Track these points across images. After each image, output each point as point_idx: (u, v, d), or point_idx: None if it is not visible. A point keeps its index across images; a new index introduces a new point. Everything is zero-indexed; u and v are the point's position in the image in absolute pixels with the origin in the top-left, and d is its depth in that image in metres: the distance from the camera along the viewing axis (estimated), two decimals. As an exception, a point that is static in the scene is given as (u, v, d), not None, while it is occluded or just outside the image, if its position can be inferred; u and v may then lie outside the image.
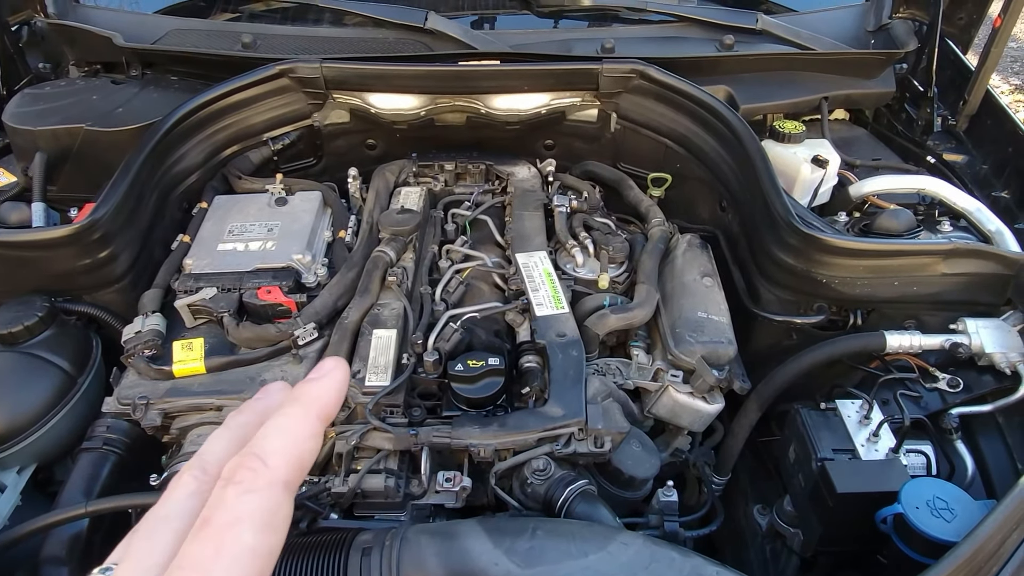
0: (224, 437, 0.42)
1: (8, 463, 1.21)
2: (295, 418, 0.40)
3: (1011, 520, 0.92)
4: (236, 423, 0.43)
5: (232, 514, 0.35)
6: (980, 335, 1.30)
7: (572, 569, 0.92)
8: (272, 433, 0.39)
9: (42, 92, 1.70)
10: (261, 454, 0.37)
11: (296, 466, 0.38)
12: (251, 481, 0.36)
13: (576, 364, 1.21)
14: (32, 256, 1.32)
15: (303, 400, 0.41)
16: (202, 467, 0.40)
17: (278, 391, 0.45)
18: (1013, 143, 1.66)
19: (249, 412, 0.44)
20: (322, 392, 0.42)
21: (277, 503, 0.36)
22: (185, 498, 0.39)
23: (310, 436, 0.40)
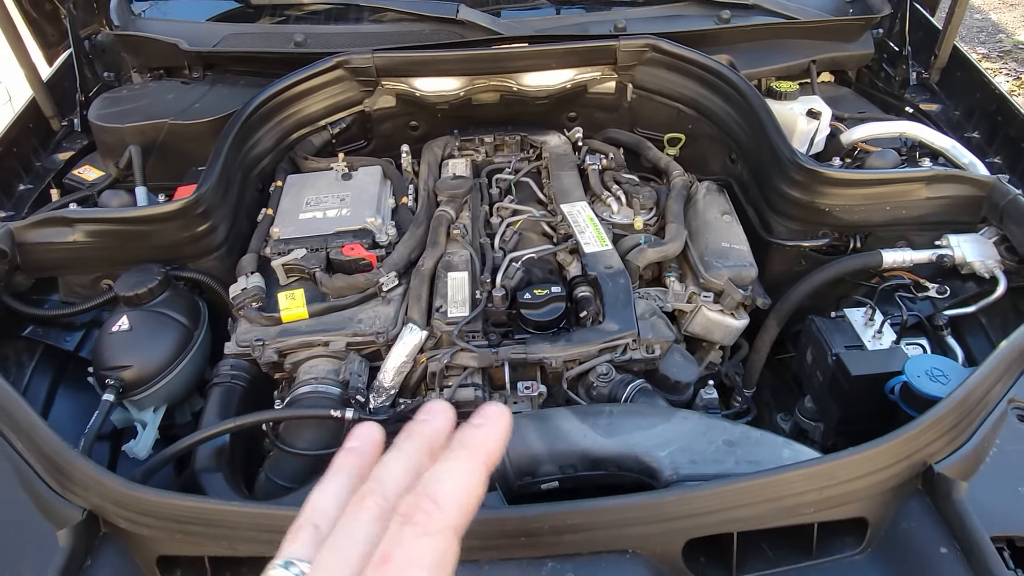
0: (400, 464, 0.45)
1: (146, 403, 1.42)
2: (464, 463, 0.43)
3: (994, 374, 1.13)
4: (409, 448, 0.46)
5: (409, 555, 0.38)
6: (962, 248, 1.53)
7: (644, 436, 1.14)
8: (445, 478, 0.42)
9: (120, 95, 1.91)
10: (435, 498, 0.40)
11: (466, 513, 0.41)
12: (426, 524, 0.39)
13: (624, 289, 1.43)
14: (145, 230, 1.52)
15: (471, 446, 0.44)
16: (383, 494, 0.44)
17: (440, 413, 0.49)
18: (980, 90, 1.90)
19: (419, 437, 0.47)
20: (488, 439, 0.45)
21: (448, 547, 0.40)
22: (370, 521, 0.42)
23: (479, 484, 0.43)
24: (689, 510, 0.99)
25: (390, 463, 0.46)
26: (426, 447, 0.47)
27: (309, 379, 1.36)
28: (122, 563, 1.05)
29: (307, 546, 0.44)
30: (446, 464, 0.43)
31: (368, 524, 0.42)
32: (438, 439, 0.47)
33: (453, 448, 0.44)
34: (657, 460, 1.11)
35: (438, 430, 0.48)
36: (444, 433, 0.48)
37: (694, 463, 1.10)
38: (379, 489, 0.44)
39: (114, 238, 1.52)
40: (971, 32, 5.64)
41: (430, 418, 0.49)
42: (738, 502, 0.99)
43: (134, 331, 1.41)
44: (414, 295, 1.45)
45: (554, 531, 0.97)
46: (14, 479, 1.09)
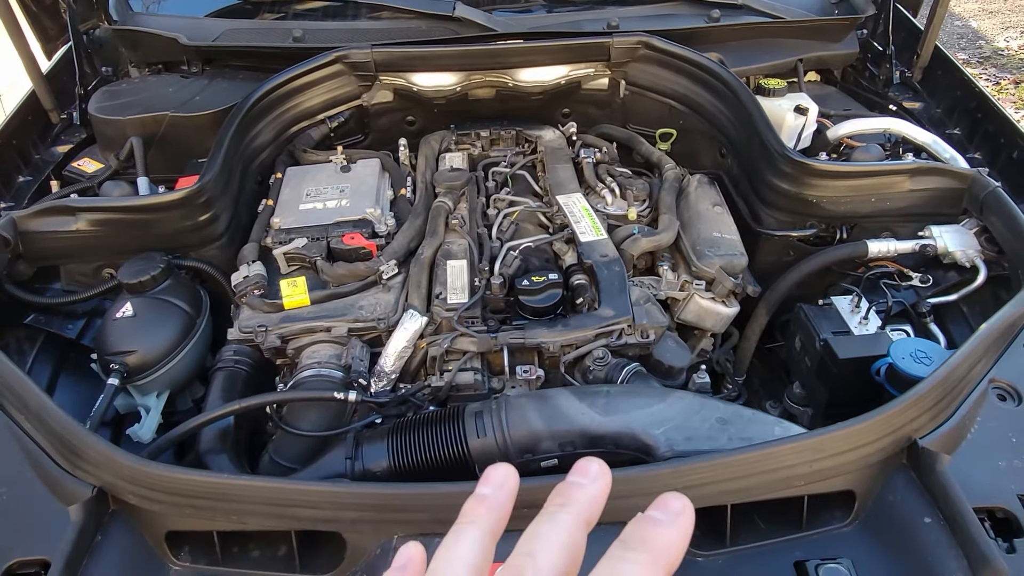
0: (554, 537, 0.40)
1: (149, 388, 1.44)
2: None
3: (975, 354, 1.18)
4: (565, 522, 0.40)
5: None
6: (944, 238, 1.58)
7: (641, 415, 1.18)
8: (552, 540, 0.38)
9: (120, 88, 1.93)
10: (537, 559, 0.37)
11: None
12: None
13: (619, 277, 1.47)
14: (148, 219, 1.54)
15: (652, 551, 0.38)
16: (485, 545, 0.40)
17: (598, 477, 0.43)
18: (961, 88, 1.96)
19: (575, 506, 0.41)
20: (672, 543, 0.38)
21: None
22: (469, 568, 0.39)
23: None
24: (685, 482, 1.03)
25: (544, 538, 0.39)
26: (584, 520, 0.40)
27: (312, 363, 1.39)
28: (132, 539, 1.07)
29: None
30: (621, 566, 0.37)
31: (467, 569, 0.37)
32: (595, 510, 0.41)
33: (632, 547, 0.37)
34: (653, 437, 1.14)
35: (595, 499, 0.42)
36: (601, 502, 0.42)
37: (689, 440, 1.14)
38: (532, 570, 0.37)
39: (116, 227, 1.54)
40: (952, 38, 5.75)
41: (586, 481, 0.42)
42: (732, 474, 1.03)
43: (138, 317, 1.44)
44: (414, 282, 1.48)
45: (554, 503, 1.01)
46: (24, 459, 1.11)
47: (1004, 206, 1.47)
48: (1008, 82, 5.05)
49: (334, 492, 1.01)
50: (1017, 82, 5.02)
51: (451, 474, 1.15)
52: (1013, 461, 1.11)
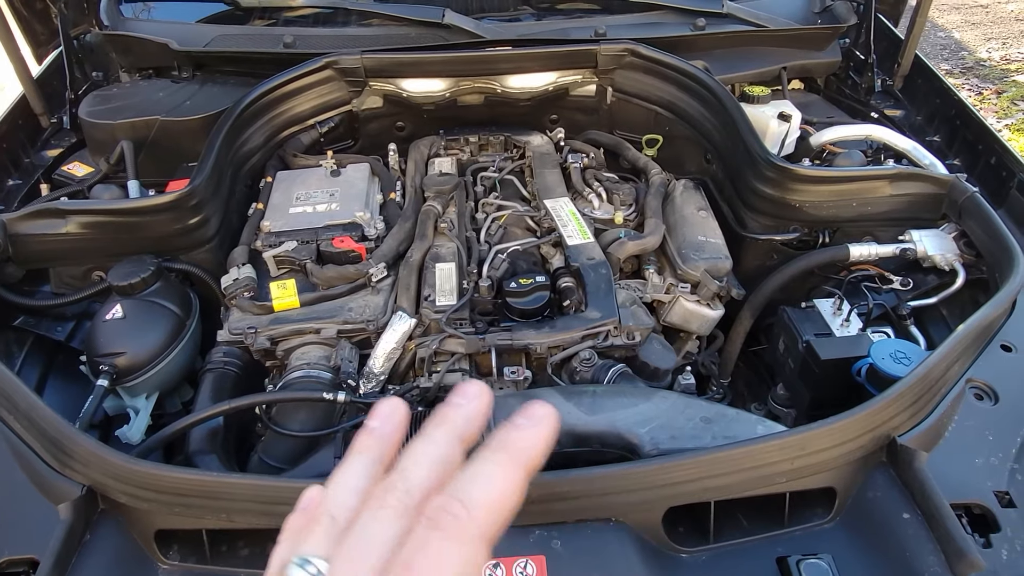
0: (427, 457, 0.41)
1: (138, 390, 1.44)
2: (502, 467, 0.39)
3: (953, 354, 1.21)
4: (439, 438, 0.42)
5: (434, 562, 0.36)
6: (924, 242, 1.61)
7: (626, 414, 1.20)
8: (480, 482, 0.39)
9: (110, 93, 1.94)
10: (466, 502, 0.38)
11: (498, 521, 0.38)
12: (453, 531, 0.37)
13: (606, 279, 1.49)
14: (138, 221, 1.55)
15: (511, 449, 0.40)
16: (407, 490, 0.40)
17: (476, 396, 0.45)
18: (940, 96, 2.00)
19: (450, 425, 0.43)
20: (531, 444, 0.40)
21: (475, 558, 0.37)
22: (390, 520, 0.39)
23: (515, 491, 0.39)
24: (670, 479, 1.04)
25: (417, 454, 0.41)
26: (458, 436, 0.42)
27: (301, 364, 1.40)
28: (120, 538, 1.08)
29: (324, 541, 0.41)
30: (482, 466, 0.39)
31: (390, 523, 0.39)
32: (472, 428, 0.43)
33: (493, 449, 0.40)
34: (638, 436, 1.16)
35: (472, 417, 0.44)
36: (479, 420, 0.44)
37: (673, 439, 1.16)
38: (403, 484, 0.40)
39: (107, 230, 1.55)
40: (935, 49, 5.84)
41: (464, 402, 0.44)
42: (715, 471, 1.05)
43: (128, 319, 1.44)
44: (403, 285, 1.50)
45: (541, 499, 1.02)
46: (12, 459, 1.12)
47: (982, 211, 1.50)
48: (990, 92, 5.13)
49: (323, 489, 1.02)
50: (999, 92, 5.10)
51: (439, 473, 1.16)
52: (989, 458, 1.13)
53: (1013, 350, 1.29)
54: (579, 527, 1.04)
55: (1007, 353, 1.29)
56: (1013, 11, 6.45)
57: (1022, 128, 4.61)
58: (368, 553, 0.38)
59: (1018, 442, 1.16)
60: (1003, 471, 1.12)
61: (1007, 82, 5.22)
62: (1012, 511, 1.07)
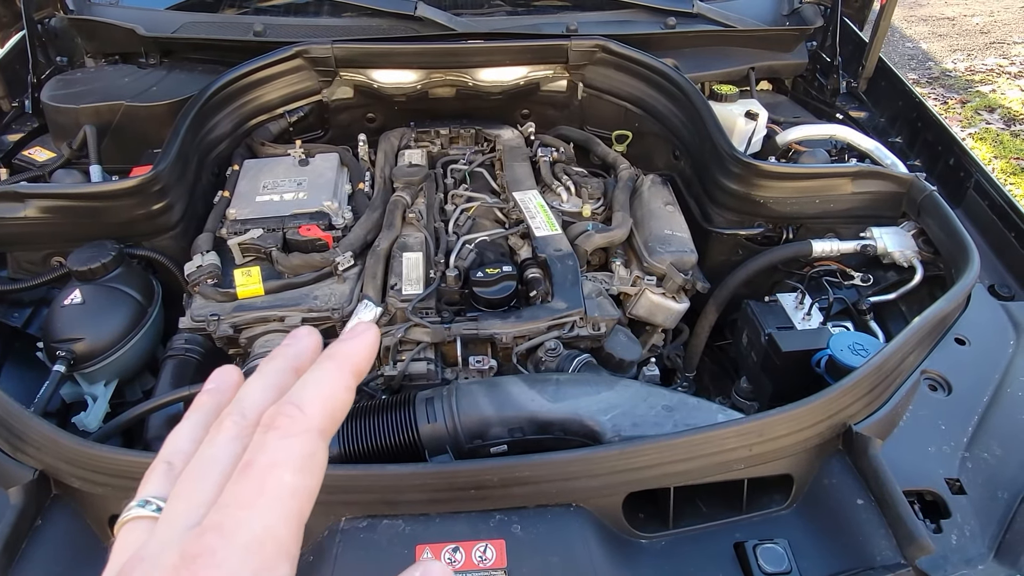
0: (260, 384, 0.43)
1: (97, 377, 1.41)
2: (330, 371, 0.42)
3: (908, 346, 1.23)
4: (271, 369, 0.44)
5: (272, 457, 0.37)
6: (884, 239, 1.64)
7: (589, 401, 1.20)
8: (310, 385, 0.41)
9: (74, 77, 1.90)
10: (299, 403, 0.39)
11: (331, 416, 0.40)
12: (288, 427, 0.38)
13: (572, 271, 1.50)
14: (100, 206, 1.52)
15: (338, 356, 0.42)
16: (241, 412, 0.41)
17: (306, 336, 0.47)
18: (903, 99, 2.05)
19: (281, 359, 0.45)
20: (355, 350, 0.43)
21: (314, 448, 0.38)
22: (227, 442, 0.40)
23: (344, 389, 0.41)
24: (630, 464, 1.05)
25: (251, 385, 0.43)
26: (290, 367, 0.44)
27: (264, 352, 1.38)
28: (73, 523, 1.06)
29: (161, 483, 0.41)
30: (312, 374, 0.41)
31: (227, 444, 0.40)
32: (303, 359, 0.45)
33: (319, 361, 0.42)
34: (600, 423, 1.17)
35: (303, 350, 0.46)
36: (310, 353, 0.46)
37: (635, 426, 1.17)
38: (238, 409, 0.41)
39: (67, 214, 1.52)
40: (902, 59, 5.96)
41: (294, 341, 0.46)
42: (675, 457, 1.06)
43: (87, 304, 1.42)
44: (369, 273, 1.49)
45: (503, 484, 1.02)
46: (-39, 443, 1.09)
47: (940, 209, 1.53)
48: (955, 102, 5.25)
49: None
50: (963, 102, 5.23)
51: (401, 461, 1.15)
52: (942, 447, 1.16)
53: (966, 343, 1.32)
54: (540, 512, 1.04)
55: (960, 346, 1.32)
56: (978, 24, 6.62)
57: (985, 137, 4.72)
58: (204, 475, 0.39)
59: (969, 431, 1.19)
60: (954, 459, 1.14)
61: (971, 92, 5.36)
62: (962, 498, 1.10)
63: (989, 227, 1.65)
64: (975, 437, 1.18)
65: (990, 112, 5.06)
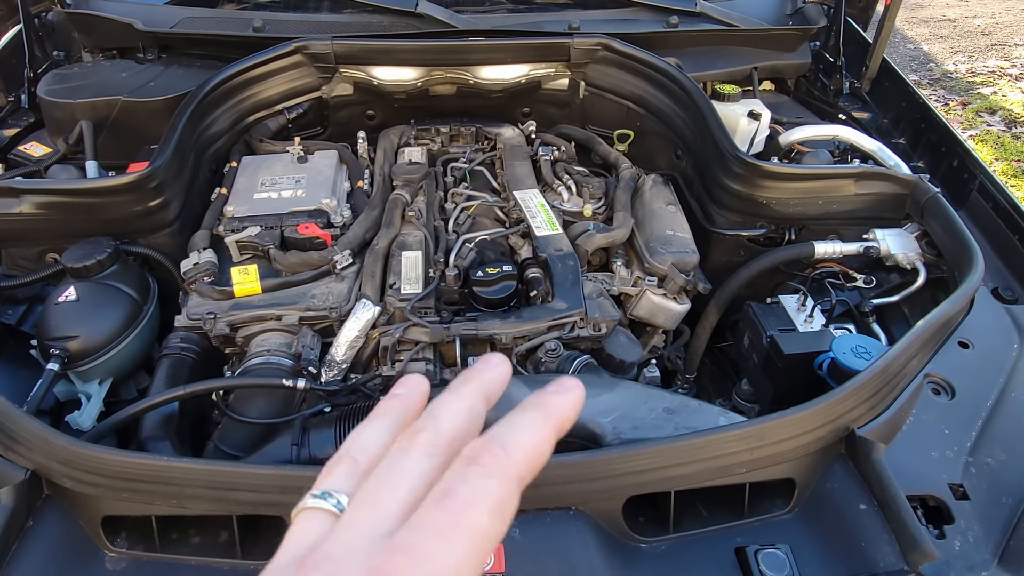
0: (455, 406, 0.43)
1: (91, 375, 1.40)
2: (538, 421, 0.41)
3: (911, 349, 1.22)
4: (465, 393, 0.44)
5: (474, 493, 0.36)
6: (887, 241, 1.63)
7: (589, 403, 1.18)
8: (517, 429, 0.40)
9: (71, 72, 1.89)
10: (505, 445, 0.39)
11: (533, 465, 0.39)
12: (493, 467, 0.37)
13: (573, 271, 1.48)
14: (96, 203, 1.50)
15: (547, 407, 0.42)
16: (436, 431, 0.41)
17: (499, 364, 0.47)
18: (906, 100, 2.04)
19: (476, 383, 0.45)
20: (565, 405, 0.43)
21: (511, 494, 0.37)
22: (420, 457, 0.40)
23: (547, 442, 0.41)
24: (630, 468, 1.04)
25: (445, 403, 0.43)
26: (484, 393, 0.44)
27: (261, 351, 1.37)
28: (66, 524, 1.04)
29: (345, 479, 0.41)
30: (519, 417, 0.41)
31: (420, 460, 0.39)
32: (496, 387, 0.45)
33: (527, 406, 0.42)
34: (600, 426, 1.16)
35: (496, 378, 0.46)
36: (502, 382, 0.46)
37: (635, 429, 1.15)
38: (433, 426, 0.41)
39: (63, 210, 1.50)
40: (904, 60, 5.95)
41: (488, 368, 0.46)
42: (676, 460, 1.05)
43: (81, 302, 1.40)
44: (368, 272, 1.47)
45: (501, 487, 1.01)
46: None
47: (943, 211, 1.52)
48: (956, 103, 5.24)
49: (277, 475, 1.00)
50: (964, 104, 5.22)
51: (398, 461, 1.14)
52: (945, 452, 1.15)
53: (970, 346, 1.31)
54: (538, 515, 1.03)
55: (964, 349, 1.31)
56: (979, 26, 6.60)
57: (986, 139, 4.71)
58: (395, 485, 0.38)
59: (973, 436, 1.18)
60: (958, 464, 1.13)
61: (972, 94, 5.34)
62: (966, 503, 1.08)
63: (993, 229, 1.64)
64: (979, 442, 1.17)
65: (991, 114, 5.05)
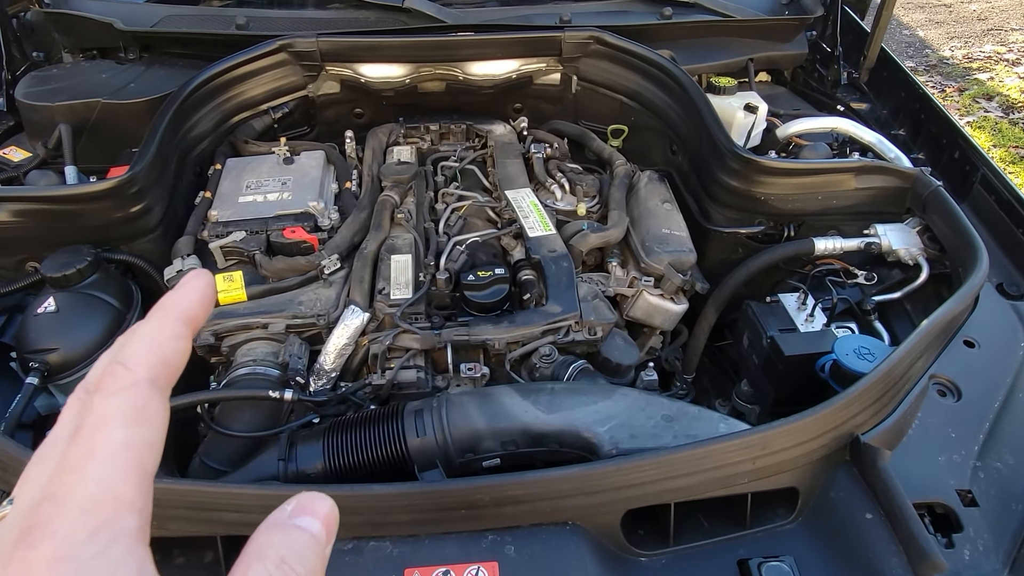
0: (103, 358, 0.42)
1: (72, 388, 1.35)
2: (154, 322, 0.40)
3: (916, 350, 1.19)
4: (115, 344, 0.43)
5: (98, 416, 0.36)
6: (888, 236, 1.59)
7: (585, 412, 1.15)
8: (133, 340, 0.39)
9: (50, 74, 1.84)
10: (122, 360, 0.38)
11: (159, 364, 0.39)
12: (113, 385, 0.37)
13: (567, 272, 1.45)
14: (75, 209, 1.46)
15: (164, 307, 0.41)
16: (84, 388, 0.40)
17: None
18: (905, 90, 1.99)
19: (129, 332, 0.43)
20: (182, 298, 0.42)
21: (144, 399, 0.37)
22: (69, 420, 0.39)
23: (172, 337, 0.40)
24: (628, 480, 1.00)
25: (96, 364, 0.42)
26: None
27: (247, 361, 1.33)
28: (44, 547, 1.00)
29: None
30: (136, 328, 0.40)
31: (67, 423, 0.39)
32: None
33: (148, 314, 0.41)
34: (597, 435, 1.12)
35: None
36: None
37: (633, 438, 1.12)
38: (81, 386, 0.40)
39: (41, 218, 1.46)
40: (900, 47, 5.90)
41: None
42: (676, 472, 1.02)
43: (61, 313, 1.36)
44: (356, 277, 1.43)
45: (495, 503, 0.97)
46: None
47: (946, 205, 1.48)
48: (952, 90, 5.20)
49: (261, 495, 0.96)
50: (961, 90, 5.17)
51: (389, 475, 1.11)
52: (952, 456, 1.12)
53: (976, 346, 1.28)
54: (534, 531, 0.99)
55: (970, 349, 1.27)
56: (975, 11, 6.55)
57: (983, 125, 4.67)
58: (47, 453, 0.37)
59: (981, 439, 1.14)
60: (965, 469, 1.10)
61: (969, 80, 5.30)
62: (974, 510, 1.05)
63: (996, 223, 1.60)
64: (987, 445, 1.14)
65: (988, 100, 5.01)
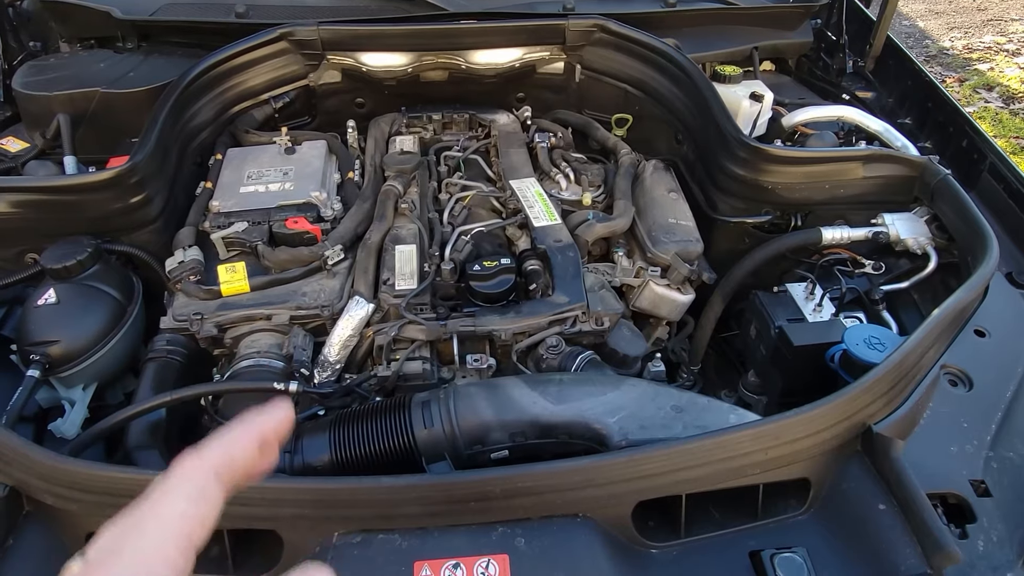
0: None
1: (74, 381, 1.34)
2: (235, 431, 0.49)
3: (927, 340, 1.17)
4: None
5: (164, 491, 0.45)
6: (896, 225, 1.58)
7: (594, 403, 1.14)
8: (213, 439, 0.48)
9: (47, 63, 1.81)
10: (199, 451, 0.47)
11: (227, 463, 0.47)
12: (187, 467, 0.46)
13: (573, 263, 1.43)
14: (75, 200, 1.44)
15: (248, 420, 0.51)
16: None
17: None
18: (912, 78, 1.98)
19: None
20: (265, 421, 0.52)
21: (206, 484, 0.45)
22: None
23: (243, 447, 0.49)
24: (639, 472, 0.99)
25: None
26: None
27: (251, 353, 1.31)
28: (48, 542, 0.99)
29: None
30: (220, 431, 0.49)
31: None
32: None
33: (233, 422, 0.50)
34: (607, 426, 1.11)
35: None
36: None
37: (643, 428, 1.11)
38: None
39: (41, 209, 1.44)
40: (900, 37, 5.81)
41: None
42: (687, 463, 1.00)
43: (62, 304, 1.34)
44: (361, 268, 1.42)
45: (505, 495, 0.96)
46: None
47: (954, 194, 1.47)
48: (953, 80, 5.18)
49: (269, 488, 0.95)
50: (961, 80, 5.15)
51: (396, 467, 1.10)
52: (964, 446, 1.11)
53: (987, 335, 1.27)
54: (544, 524, 0.98)
55: (980, 338, 1.26)
56: (975, 1, 6.52)
57: (984, 116, 4.66)
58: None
59: (993, 429, 1.13)
60: (978, 459, 1.09)
61: (969, 70, 5.28)
62: (988, 500, 1.04)
63: (1005, 211, 1.59)
64: (999, 435, 1.13)
65: (988, 90, 4.99)
